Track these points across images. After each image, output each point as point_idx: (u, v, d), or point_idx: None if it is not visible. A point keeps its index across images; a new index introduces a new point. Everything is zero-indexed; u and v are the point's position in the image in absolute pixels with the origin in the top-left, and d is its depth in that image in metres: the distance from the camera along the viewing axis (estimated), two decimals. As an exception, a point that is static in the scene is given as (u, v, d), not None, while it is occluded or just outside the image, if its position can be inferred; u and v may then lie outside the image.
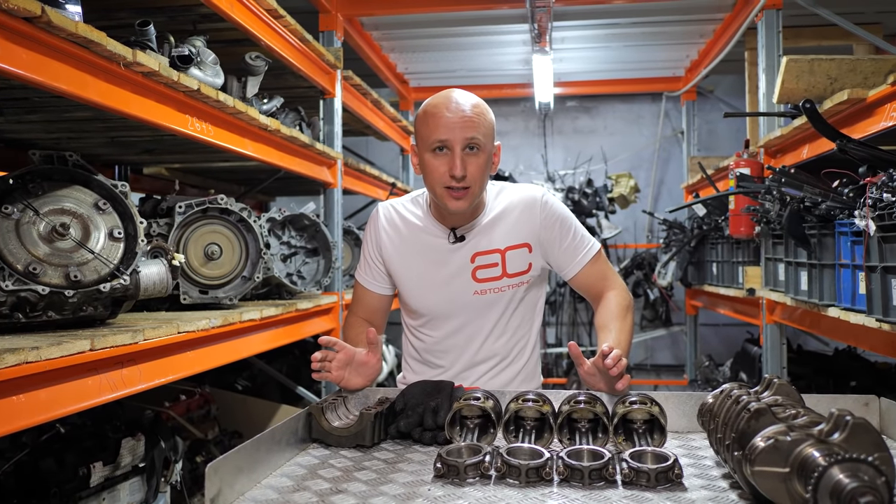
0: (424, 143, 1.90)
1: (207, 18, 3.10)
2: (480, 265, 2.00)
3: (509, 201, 2.05)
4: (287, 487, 1.38)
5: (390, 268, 2.09)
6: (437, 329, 2.07)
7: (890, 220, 2.06)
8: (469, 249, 2.01)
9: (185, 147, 3.60)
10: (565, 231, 2.02)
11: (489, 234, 2.01)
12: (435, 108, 1.90)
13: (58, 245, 2.20)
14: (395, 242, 2.07)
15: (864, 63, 2.89)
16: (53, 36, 1.83)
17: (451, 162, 1.86)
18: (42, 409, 1.80)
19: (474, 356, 2.06)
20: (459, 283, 2.01)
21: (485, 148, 1.89)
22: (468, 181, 1.87)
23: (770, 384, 1.50)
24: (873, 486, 1.03)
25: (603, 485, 1.39)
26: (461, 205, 1.91)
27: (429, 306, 2.06)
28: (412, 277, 2.06)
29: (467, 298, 2.00)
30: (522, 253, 2.01)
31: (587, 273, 2.04)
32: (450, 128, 1.85)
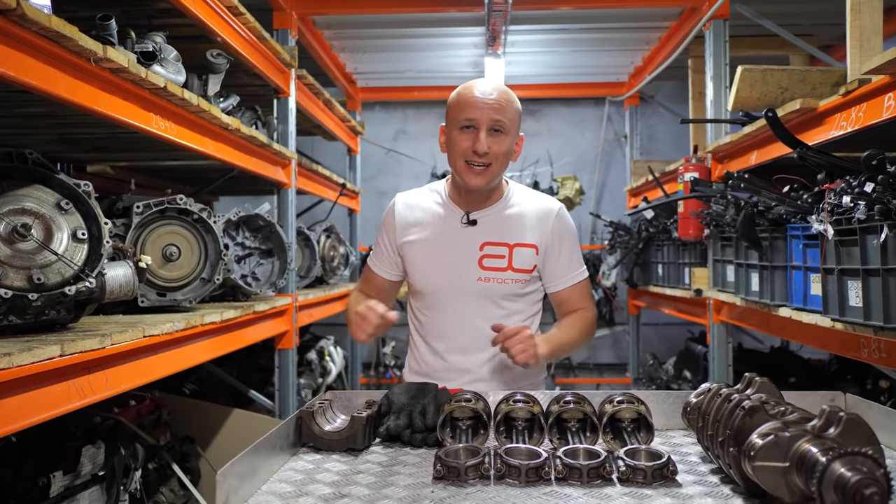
0: (454, 121, 2.02)
1: (164, 13, 3.02)
2: (488, 255, 2.08)
3: (528, 203, 2.15)
4: (289, 493, 1.37)
5: (403, 250, 2.16)
6: (439, 310, 2.13)
7: (847, 224, 2.16)
8: (479, 237, 2.09)
9: (138, 145, 3.50)
10: (568, 246, 2.14)
11: (501, 226, 2.09)
12: (468, 89, 2.04)
13: (19, 246, 2.12)
14: (410, 223, 2.15)
15: (813, 74, 3.02)
16: (25, 30, 1.76)
17: (475, 138, 1.98)
18: (14, 417, 1.74)
19: (474, 342, 2.09)
20: (465, 267, 2.08)
21: (508, 132, 2.02)
22: (490, 158, 1.99)
23: (752, 382, 1.55)
24: (874, 477, 1.09)
25: (601, 483, 1.42)
26: (479, 181, 2.01)
27: (432, 286, 2.12)
28: (421, 256, 2.13)
29: (471, 283, 2.06)
30: (530, 253, 2.09)
31: (571, 292, 2.15)
32: (479, 108, 1.98)
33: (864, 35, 2.77)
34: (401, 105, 7.23)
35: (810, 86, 3.03)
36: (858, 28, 2.76)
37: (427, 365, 2.18)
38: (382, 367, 6.44)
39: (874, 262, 2.10)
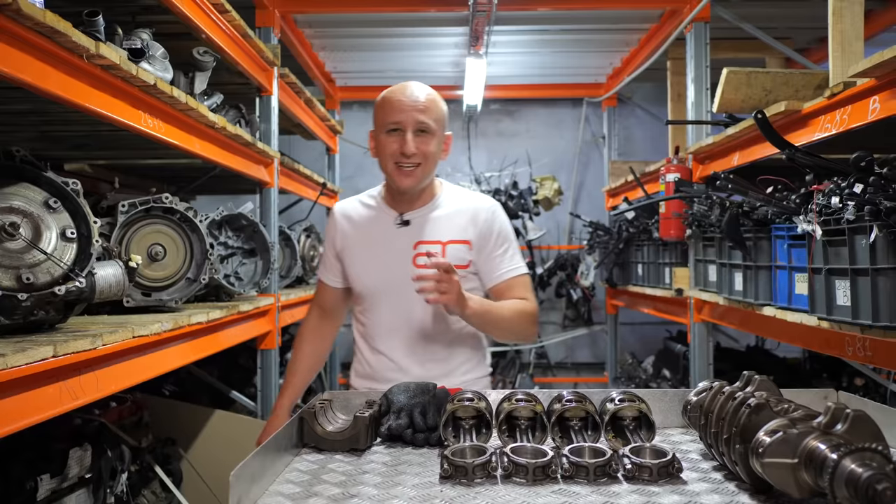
0: (381, 126, 2.11)
1: (148, 10, 2.99)
2: (422, 253, 2.12)
3: (461, 202, 2.21)
4: (297, 494, 1.36)
5: (342, 256, 2.24)
6: (378, 311, 2.19)
7: (836, 225, 2.20)
8: (413, 236, 2.14)
9: (119, 143, 3.46)
10: (501, 243, 2.19)
11: (434, 226, 2.15)
12: (392, 94, 2.12)
13: (7, 246, 2.08)
14: (348, 230, 2.23)
15: (796, 77, 3.07)
16: (19, 25, 1.73)
17: (402, 140, 2.05)
18: (8, 419, 1.70)
19: (414, 339, 2.15)
20: (400, 266, 2.12)
21: (435, 133, 2.09)
22: (418, 158, 2.06)
23: (751, 380, 1.58)
24: (885, 472, 1.11)
25: (607, 481, 1.43)
26: (410, 181, 2.09)
27: (370, 287, 2.19)
28: (358, 260, 2.21)
29: (406, 281, 2.07)
30: (463, 249, 2.15)
31: (509, 285, 2.18)
32: (403, 111, 2.06)
33: (845, 39, 2.82)
34: (379, 104, 7.19)
35: (793, 88, 3.08)
36: (840, 32, 2.81)
37: (371, 367, 2.22)
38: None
39: (863, 262, 2.14)
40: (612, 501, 1.32)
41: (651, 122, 7.08)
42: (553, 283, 6.88)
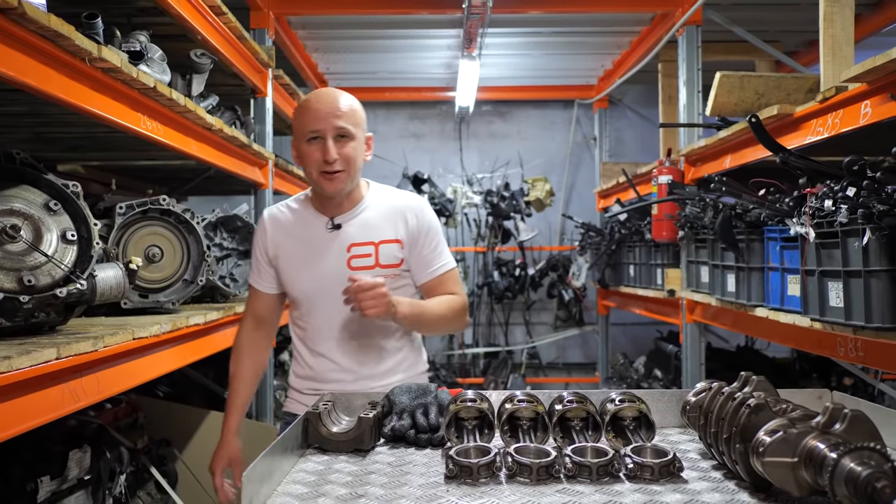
0: (300, 135, 2.12)
1: (144, 12, 2.99)
2: (355, 255, 2.15)
3: (389, 201, 2.24)
4: (306, 494, 1.38)
5: (276, 263, 2.23)
6: (317, 315, 2.20)
7: (829, 227, 2.24)
8: (345, 239, 2.17)
9: (114, 144, 3.46)
10: (430, 240, 2.22)
11: (365, 227, 2.18)
12: (307, 103, 2.14)
13: (8, 248, 2.09)
14: (279, 236, 2.22)
15: (788, 81, 3.11)
16: (23, 28, 1.74)
17: (323, 148, 2.07)
18: (14, 421, 1.71)
19: (353, 341, 2.18)
20: (335, 269, 2.14)
21: (354, 136, 2.11)
22: (340, 164, 2.08)
23: (749, 381, 1.60)
24: (884, 471, 1.14)
25: (609, 480, 1.45)
26: (336, 186, 2.11)
27: (306, 292, 2.19)
28: (292, 264, 2.21)
29: (342, 284, 2.08)
30: (395, 248, 2.18)
31: (439, 281, 2.23)
32: (321, 118, 2.08)
33: (836, 44, 2.86)
34: (371, 105, 7.20)
35: (785, 92, 3.13)
36: (831, 37, 2.86)
37: (312, 368, 2.23)
38: (354, 368, 6.44)
39: (856, 264, 2.17)
40: (615, 500, 1.35)
41: (642, 124, 7.13)
42: (545, 283, 6.92)
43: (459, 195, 6.62)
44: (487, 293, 6.98)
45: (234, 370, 2.31)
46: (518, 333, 7.22)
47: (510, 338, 7.19)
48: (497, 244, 6.88)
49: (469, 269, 7.08)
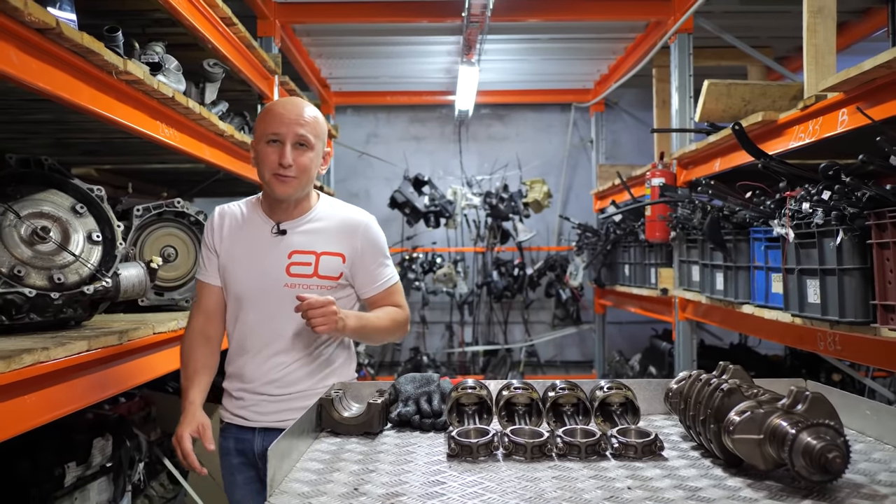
0: (261, 136, 2.15)
1: (158, 23, 3.14)
2: (295, 262, 2.18)
3: (337, 215, 2.27)
4: (321, 469, 1.52)
5: (221, 258, 2.24)
6: (250, 313, 2.20)
7: (807, 228, 2.39)
8: (288, 246, 2.19)
9: (129, 149, 3.60)
10: (376, 256, 2.27)
11: (309, 236, 2.20)
12: (273, 106, 2.19)
13: (39, 248, 2.25)
14: (226, 234, 2.24)
15: (773, 88, 3.26)
16: (59, 46, 1.89)
17: (281, 152, 2.10)
18: (48, 408, 1.86)
19: (283, 344, 2.19)
20: (274, 272, 2.17)
21: (313, 146, 2.15)
22: (295, 171, 2.11)
23: (726, 369, 1.75)
24: (836, 444, 1.29)
25: (596, 458, 1.60)
26: (287, 190, 2.13)
27: (243, 289, 2.20)
28: (233, 263, 2.22)
29: (279, 288, 2.14)
30: (336, 261, 2.20)
31: (383, 295, 2.28)
32: (283, 123, 2.11)
33: (819, 53, 3.01)
34: (373, 109, 7.38)
35: (770, 99, 3.27)
36: (814, 46, 3.00)
37: (239, 368, 2.22)
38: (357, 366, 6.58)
39: (831, 263, 2.32)
40: (601, 475, 1.49)
41: (637, 127, 7.28)
42: (543, 283, 7.07)
43: (459, 197, 6.77)
44: (487, 292, 7.13)
45: (187, 357, 2.23)
46: (517, 332, 7.38)
47: (509, 336, 7.35)
48: (496, 245, 7.04)
49: (469, 269, 7.23)
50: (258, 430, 2.19)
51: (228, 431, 2.23)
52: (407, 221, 6.87)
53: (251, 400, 2.19)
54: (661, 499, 1.35)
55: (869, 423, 1.78)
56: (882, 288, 2.11)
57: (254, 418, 2.19)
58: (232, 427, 2.23)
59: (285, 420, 2.07)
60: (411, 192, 6.66)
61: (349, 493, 1.39)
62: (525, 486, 1.43)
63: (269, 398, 2.18)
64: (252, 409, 2.19)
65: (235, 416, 2.22)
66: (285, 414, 2.14)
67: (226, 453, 2.23)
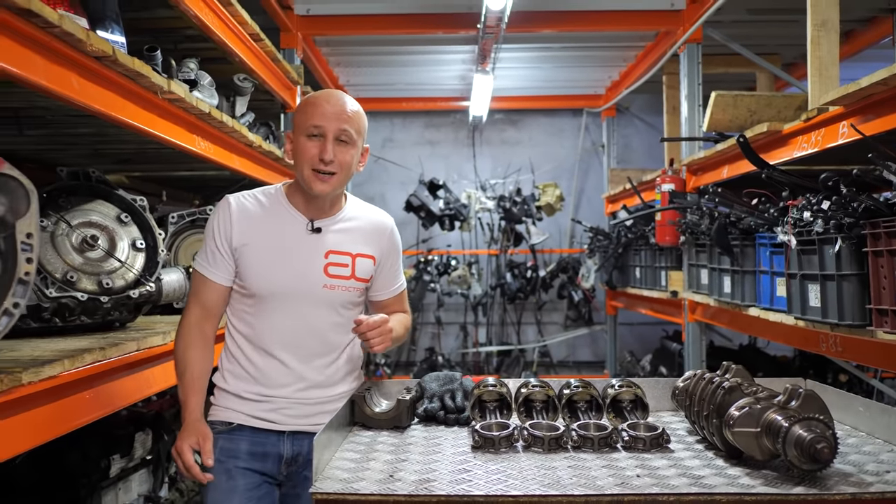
0: (301, 128, 2.03)
1: (190, 39, 3.30)
2: (332, 263, 2.08)
3: (366, 215, 2.20)
4: (358, 459, 1.68)
5: (240, 252, 2.05)
6: (278, 314, 2.06)
7: (808, 236, 2.53)
8: (324, 245, 2.08)
9: (161, 158, 3.77)
10: (395, 261, 2.24)
11: (344, 237, 2.11)
12: (316, 98, 2.06)
13: (88, 255, 2.41)
14: (247, 226, 2.06)
15: (778, 99, 3.39)
16: (112, 70, 2.05)
17: (322, 146, 1.99)
18: (101, 405, 2.02)
19: (315, 347, 2.08)
20: (311, 273, 2.06)
21: (354, 143, 2.04)
22: (335, 167, 2.00)
23: (728, 369, 1.89)
24: (825, 436, 1.44)
25: (608, 450, 1.75)
26: (325, 188, 2.02)
27: (272, 289, 2.04)
28: (262, 260, 2.04)
29: (316, 289, 2.05)
30: (369, 263, 2.14)
31: (395, 300, 2.25)
32: (326, 117, 2.00)
33: (822, 65, 3.13)
34: (388, 115, 7.54)
35: (776, 109, 3.41)
36: (818, 59, 3.13)
37: (260, 370, 2.05)
38: (373, 366, 6.75)
39: (830, 269, 2.46)
40: (612, 464, 1.64)
41: (647, 131, 7.42)
42: (555, 285, 7.21)
43: (473, 200, 6.92)
44: (500, 294, 7.28)
45: (185, 359, 2.03)
46: (530, 333, 7.52)
47: (522, 337, 7.49)
48: (509, 247, 7.19)
49: (483, 271, 7.39)
50: (287, 434, 2.04)
51: (240, 433, 2.03)
52: (422, 224, 7.03)
53: (280, 403, 2.03)
54: (667, 485, 1.50)
55: (862, 420, 1.92)
56: (877, 293, 2.24)
57: (284, 421, 2.04)
58: (245, 429, 2.03)
59: (320, 423, 1.90)
60: (426, 195, 6.81)
61: (386, 479, 1.55)
62: (544, 473, 1.58)
63: (304, 402, 2.04)
64: (283, 412, 2.04)
65: (256, 418, 2.03)
66: (319, 417, 2.00)
67: (231, 455, 2.01)
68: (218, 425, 2.04)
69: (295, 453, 2.05)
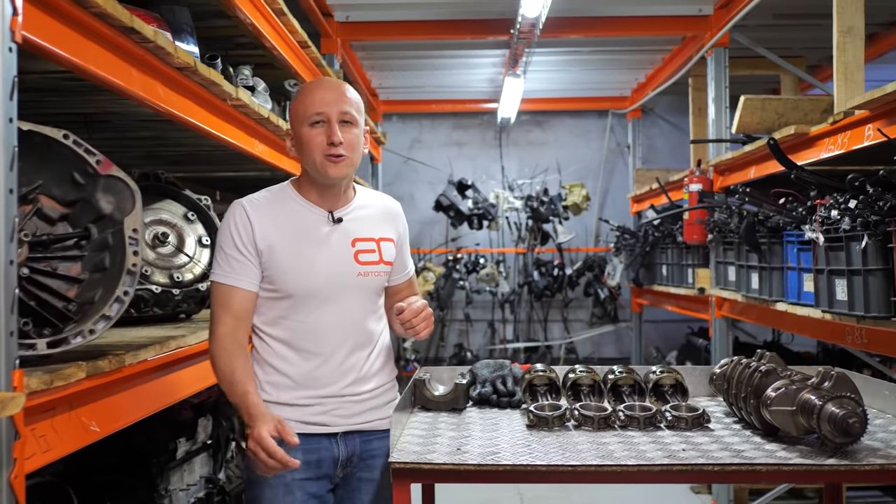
0: (302, 119, 2.00)
1: (241, 46, 3.48)
2: (361, 249, 2.07)
3: (377, 201, 2.20)
4: (425, 435, 1.85)
5: (267, 255, 1.99)
6: (317, 312, 2.01)
7: (835, 233, 2.67)
8: (349, 234, 2.06)
9: (212, 159, 3.95)
10: (407, 244, 2.25)
11: (365, 223, 2.10)
12: (311, 88, 2.06)
13: (160, 251, 2.60)
14: (268, 227, 2.00)
15: (805, 102, 3.52)
16: (189, 79, 2.23)
17: (329, 130, 1.96)
18: (183, 386, 2.21)
19: (359, 337, 2.06)
20: (343, 264, 2.04)
21: (357, 123, 2.02)
22: (345, 149, 1.97)
23: (763, 356, 2.04)
24: (856, 412, 1.59)
25: (653, 429, 1.91)
26: (340, 170, 1.99)
27: (311, 288, 2.00)
28: (290, 259, 2.00)
29: (352, 279, 2.03)
30: (391, 246, 2.14)
31: (406, 284, 2.23)
32: (326, 103, 1.98)
33: (848, 70, 3.26)
34: (417, 116, 7.73)
35: (802, 112, 3.54)
36: (844, 64, 3.25)
37: (304, 373, 2.00)
38: (403, 361, 6.93)
39: (857, 264, 2.59)
40: (658, 441, 1.80)
41: (672, 132, 7.54)
42: (581, 283, 7.36)
43: (501, 200, 7.08)
44: (528, 291, 7.43)
45: (231, 366, 1.93)
46: (556, 329, 7.67)
47: (548, 333, 7.65)
48: (536, 246, 7.35)
49: (510, 270, 7.55)
50: (339, 436, 2.00)
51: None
52: (451, 223, 7.20)
53: (331, 404, 1.99)
54: (711, 457, 1.65)
55: (888, 403, 2.06)
56: (902, 286, 2.39)
57: (337, 423, 1.99)
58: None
59: (369, 421, 2.02)
60: (455, 195, 6.98)
61: (454, 451, 1.71)
62: (597, 447, 1.74)
63: (353, 399, 2.01)
64: (334, 413, 1.99)
65: (308, 423, 1.97)
66: (367, 414, 2.03)
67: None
68: None
69: (349, 454, 2.01)
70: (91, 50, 1.69)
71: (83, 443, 1.65)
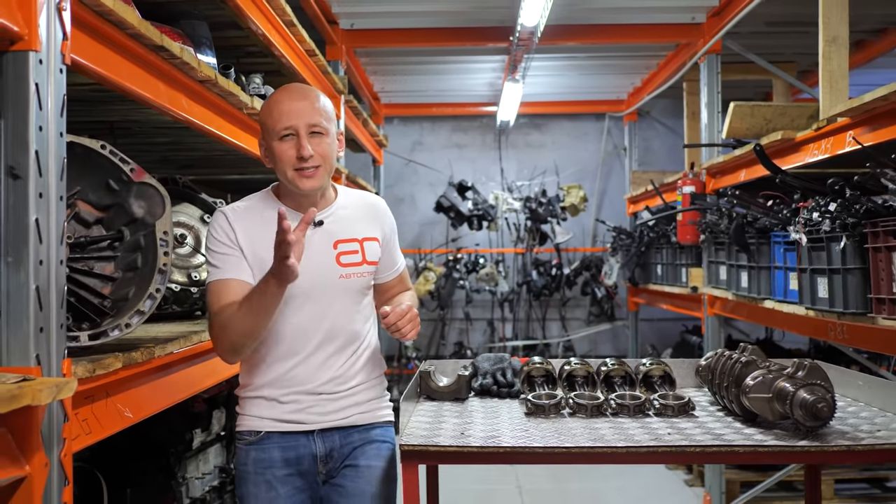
0: (272, 133, 1.99)
1: (250, 55, 3.63)
2: (343, 251, 2.06)
3: (359, 200, 2.19)
4: (430, 422, 2.00)
5: (251, 261, 2.00)
6: (300, 313, 2.02)
7: (817, 234, 2.82)
8: (330, 236, 2.06)
9: (222, 162, 4.10)
10: (395, 240, 2.24)
11: (347, 224, 2.09)
12: (278, 100, 2.02)
13: (179, 251, 2.74)
14: (252, 233, 2.01)
15: (792, 109, 3.68)
16: (210, 91, 2.38)
17: (298, 144, 1.96)
18: (203, 378, 2.36)
19: (343, 338, 2.06)
20: (325, 266, 2.04)
21: (328, 131, 2.01)
22: (316, 160, 1.97)
23: (745, 349, 2.20)
24: (825, 398, 1.74)
25: (642, 416, 2.06)
26: (312, 183, 1.98)
27: (294, 291, 1.96)
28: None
29: (334, 281, 2.04)
30: (375, 245, 2.13)
31: (399, 279, 2.24)
32: (293, 115, 1.96)
33: (833, 78, 3.41)
34: (418, 119, 7.89)
35: (789, 118, 3.69)
36: (829, 72, 3.41)
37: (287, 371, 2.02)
38: (405, 360, 7.09)
39: (837, 264, 2.75)
40: (647, 426, 1.95)
41: (668, 135, 7.70)
42: (579, 282, 7.52)
43: (500, 201, 7.24)
44: (526, 291, 7.60)
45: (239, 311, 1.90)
46: (554, 328, 7.84)
47: (547, 332, 7.81)
48: (535, 246, 7.51)
49: (509, 269, 7.71)
50: (317, 433, 2.01)
51: (269, 441, 2.01)
52: (452, 224, 7.35)
53: (308, 401, 2.00)
54: (693, 440, 1.81)
55: (861, 392, 2.22)
56: (876, 284, 2.53)
57: (313, 420, 2.00)
58: (274, 435, 2.00)
59: (346, 417, 2.02)
60: (455, 196, 7.14)
61: (458, 436, 1.86)
62: (590, 432, 1.89)
63: (329, 396, 2.01)
64: (310, 410, 2.00)
65: (285, 421, 2.00)
66: (345, 412, 2.02)
67: (267, 466, 1.99)
68: (246, 436, 2.05)
69: (328, 450, 2.01)
70: (125, 67, 1.84)
71: (118, 427, 1.80)
